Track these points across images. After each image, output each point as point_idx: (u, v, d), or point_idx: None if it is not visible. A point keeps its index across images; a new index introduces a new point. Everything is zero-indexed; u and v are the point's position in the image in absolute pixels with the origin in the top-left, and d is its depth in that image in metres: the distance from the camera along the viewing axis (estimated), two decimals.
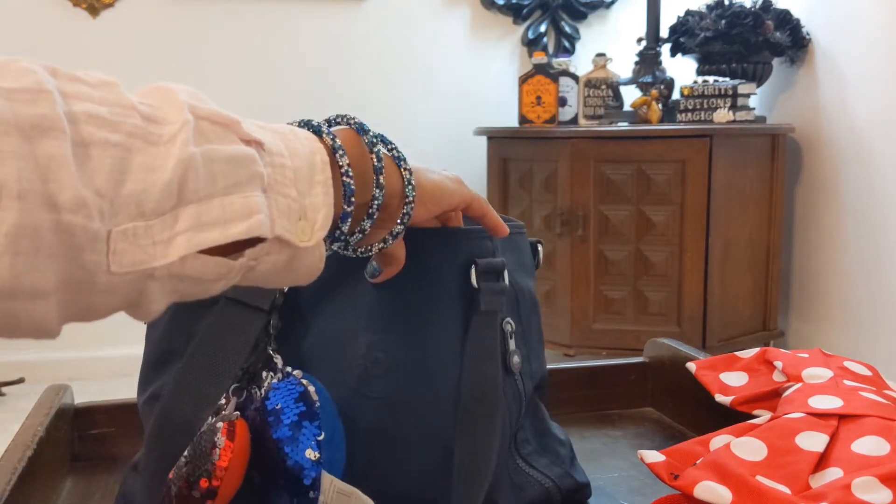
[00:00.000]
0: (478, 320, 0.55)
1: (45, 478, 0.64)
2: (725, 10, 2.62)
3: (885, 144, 2.38)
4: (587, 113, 2.71)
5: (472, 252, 0.56)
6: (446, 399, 0.54)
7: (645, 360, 0.88)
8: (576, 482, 0.61)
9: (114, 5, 2.68)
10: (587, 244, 2.45)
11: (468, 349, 0.55)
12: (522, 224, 0.62)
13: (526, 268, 0.61)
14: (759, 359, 0.71)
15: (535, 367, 0.60)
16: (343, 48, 2.88)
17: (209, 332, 0.51)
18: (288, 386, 0.51)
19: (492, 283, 0.56)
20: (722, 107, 2.47)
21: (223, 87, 2.77)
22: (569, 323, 2.48)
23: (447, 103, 3.00)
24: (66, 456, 0.72)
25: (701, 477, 0.51)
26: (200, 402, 0.49)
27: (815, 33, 2.66)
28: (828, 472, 0.51)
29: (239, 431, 0.50)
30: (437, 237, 0.55)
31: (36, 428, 0.65)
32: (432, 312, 0.55)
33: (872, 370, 0.66)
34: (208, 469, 0.49)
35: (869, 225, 2.45)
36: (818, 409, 0.57)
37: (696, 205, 2.38)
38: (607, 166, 2.43)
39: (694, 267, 2.40)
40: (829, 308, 2.63)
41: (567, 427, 0.67)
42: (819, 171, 2.66)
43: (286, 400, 0.50)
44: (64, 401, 0.73)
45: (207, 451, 0.49)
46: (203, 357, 0.50)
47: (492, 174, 2.70)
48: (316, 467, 0.49)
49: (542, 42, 3.05)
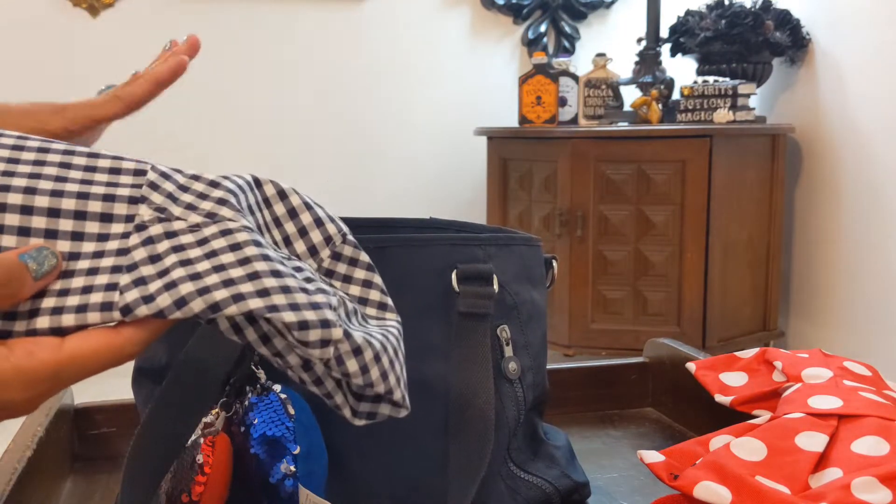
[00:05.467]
0: (462, 323, 0.56)
1: (45, 478, 0.64)
2: (725, 10, 2.62)
3: (885, 144, 2.38)
4: (587, 113, 2.71)
5: (456, 259, 0.56)
6: (436, 403, 0.54)
7: (645, 360, 0.88)
8: (574, 482, 0.61)
9: (114, 5, 2.68)
10: (586, 244, 2.45)
11: (454, 352, 0.55)
12: (537, 238, 0.62)
13: (532, 280, 0.61)
14: (758, 359, 0.71)
15: (537, 380, 0.60)
16: (343, 48, 2.88)
17: (195, 346, 0.51)
18: (266, 401, 0.51)
19: (474, 287, 0.56)
20: (722, 107, 2.47)
21: (223, 87, 2.77)
22: (567, 323, 2.48)
23: (447, 103, 3.00)
24: (66, 456, 0.72)
25: (700, 477, 0.51)
26: (185, 416, 0.50)
27: (815, 33, 2.66)
28: (827, 472, 0.51)
29: (219, 447, 0.50)
30: (420, 246, 0.56)
31: (36, 428, 0.65)
32: (416, 318, 0.55)
33: (872, 370, 0.66)
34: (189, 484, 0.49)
35: (869, 225, 2.44)
36: (818, 409, 0.57)
37: (696, 205, 2.38)
38: (607, 166, 2.43)
39: (694, 267, 2.40)
40: (829, 308, 2.63)
41: (567, 427, 0.67)
42: (819, 171, 2.66)
43: (263, 415, 0.51)
44: (64, 401, 0.73)
45: (189, 465, 0.50)
46: (189, 371, 0.50)
47: (492, 174, 2.70)
48: (291, 481, 0.49)
49: (542, 42, 3.05)
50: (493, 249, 0.58)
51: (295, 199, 0.42)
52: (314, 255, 0.42)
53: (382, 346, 0.39)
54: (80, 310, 0.35)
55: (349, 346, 0.37)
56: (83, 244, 0.37)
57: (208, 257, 0.36)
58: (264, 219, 0.41)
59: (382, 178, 2.96)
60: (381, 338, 0.40)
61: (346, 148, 2.90)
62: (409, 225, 0.69)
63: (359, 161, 2.92)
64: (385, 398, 0.41)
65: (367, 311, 0.42)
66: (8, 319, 0.35)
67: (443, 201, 3.00)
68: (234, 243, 0.36)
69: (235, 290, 0.35)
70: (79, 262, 0.37)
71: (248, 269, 0.35)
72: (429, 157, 2.99)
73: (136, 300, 0.35)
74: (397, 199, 2.97)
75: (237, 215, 0.38)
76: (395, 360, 0.40)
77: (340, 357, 0.37)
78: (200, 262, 0.36)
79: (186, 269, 0.35)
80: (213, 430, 0.51)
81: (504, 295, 0.58)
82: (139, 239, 0.37)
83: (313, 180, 2.88)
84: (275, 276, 0.36)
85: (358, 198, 2.93)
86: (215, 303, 0.34)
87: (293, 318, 0.35)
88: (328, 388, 0.41)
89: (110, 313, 0.35)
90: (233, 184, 0.40)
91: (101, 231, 0.37)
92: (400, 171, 2.97)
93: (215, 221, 0.37)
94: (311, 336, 0.36)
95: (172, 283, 0.35)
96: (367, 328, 0.40)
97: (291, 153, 2.86)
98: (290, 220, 0.42)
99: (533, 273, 0.62)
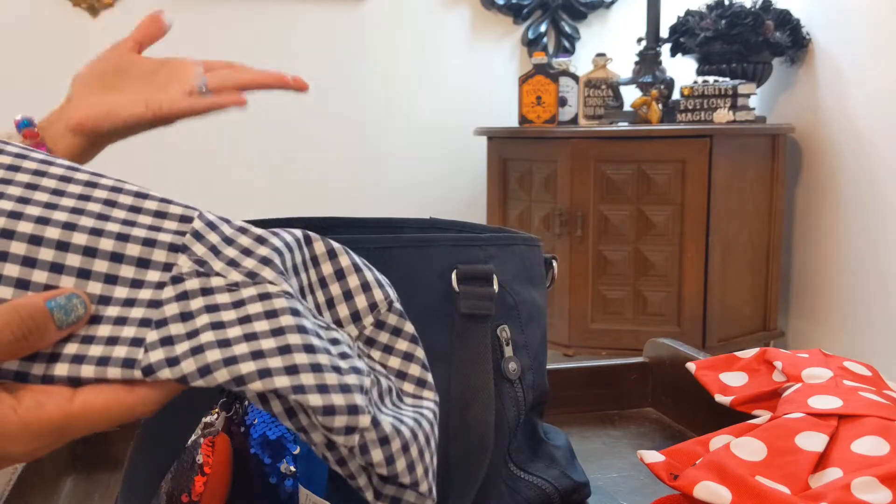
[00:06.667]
0: (462, 323, 0.56)
1: (45, 478, 0.64)
2: (725, 10, 2.62)
3: (885, 144, 2.38)
4: (587, 113, 2.71)
5: (456, 259, 0.56)
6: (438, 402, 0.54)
7: (645, 360, 0.88)
8: (574, 482, 0.61)
9: (114, 5, 2.68)
10: (586, 244, 2.45)
11: (455, 353, 0.55)
12: (537, 238, 0.62)
13: (532, 280, 0.61)
14: (758, 359, 0.71)
15: (537, 380, 0.60)
16: (343, 48, 2.88)
17: None
18: None
19: (475, 288, 0.56)
20: (722, 107, 2.47)
21: None
22: (567, 323, 2.48)
23: (447, 103, 3.00)
24: (66, 456, 0.72)
25: (700, 477, 0.51)
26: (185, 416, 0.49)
27: (815, 33, 2.66)
28: (827, 472, 0.51)
29: (219, 447, 0.50)
30: (422, 247, 0.56)
31: None
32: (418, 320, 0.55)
33: (872, 370, 0.66)
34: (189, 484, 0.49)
35: (869, 225, 2.45)
36: (818, 409, 0.57)
37: (696, 205, 2.38)
38: (607, 166, 2.43)
39: (694, 267, 2.40)
40: (829, 308, 2.64)
41: (567, 427, 0.67)
42: (819, 172, 2.66)
43: (263, 415, 0.51)
44: None
45: (189, 465, 0.50)
46: None
47: (492, 174, 2.70)
48: (291, 481, 0.49)
49: (542, 42, 3.05)
50: (493, 250, 0.58)
51: (344, 259, 0.40)
52: (357, 321, 0.40)
53: (413, 434, 0.38)
54: (102, 362, 0.34)
55: (376, 435, 0.36)
56: (115, 289, 0.35)
57: (241, 322, 0.35)
58: (309, 279, 0.39)
59: (382, 178, 2.96)
60: (413, 423, 0.38)
61: (345, 148, 2.90)
62: (409, 225, 0.69)
63: (359, 161, 2.92)
64: (411, 487, 0.39)
65: (405, 386, 0.41)
66: (26, 360, 0.34)
67: (443, 201, 3.00)
68: (271, 310, 0.35)
69: (263, 365, 0.33)
70: (108, 307, 0.35)
71: (281, 342, 0.34)
72: (429, 157, 2.99)
73: (159, 361, 0.33)
74: (397, 199, 2.97)
75: (279, 278, 0.36)
76: (424, 450, 0.38)
77: (365, 445, 0.35)
78: (233, 326, 0.34)
79: (216, 334, 0.34)
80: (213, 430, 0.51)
81: (504, 295, 0.58)
82: (174, 292, 0.35)
83: (313, 180, 2.88)
84: (307, 352, 0.34)
85: (358, 198, 2.93)
86: (241, 376, 0.33)
87: (319, 402, 0.34)
88: (352, 470, 0.39)
89: (131, 371, 0.34)
90: (280, 241, 0.38)
91: (135, 276, 0.36)
92: (400, 171, 2.97)
93: (255, 283, 0.36)
94: (337, 422, 0.34)
95: (200, 347, 0.34)
96: (399, 411, 0.39)
97: (291, 153, 2.86)
98: (336, 281, 0.40)
99: (533, 273, 0.62)
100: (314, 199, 2.87)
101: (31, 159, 0.38)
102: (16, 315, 0.33)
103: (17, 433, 0.32)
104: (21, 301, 0.33)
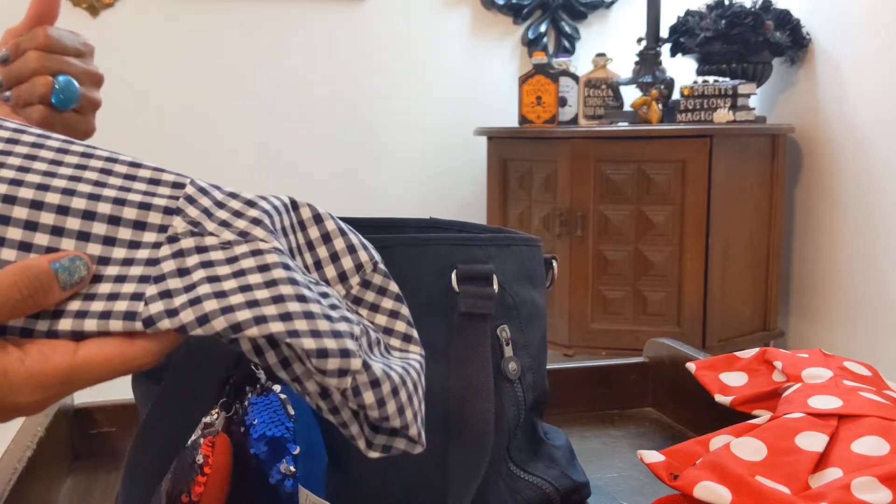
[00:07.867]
0: (462, 322, 0.56)
1: (45, 478, 0.64)
2: (725, 10, 2.62)
3: (885, 144, 2.38)
4: (587, 113, 2.71)
5: (456, 259, 0.56)
6: (436, 403, 0.54)
7: (645, 360, 0.88)
8: (574, 482, 0.61)
9: (114, 5, 2.68)
10: (586, 244, 2.45)
11: (453, 352, 0.55)
12: (537, 238, 0.62)
13: (533, 280, 0.61)
14: (758, 359, 0.71)
15: (536, 380, 0.60)
16: (343, 48, 2.88)
17: (195, 345, 0.51)
18: (266, 401, 0.51)
19: (475, 288, 0.56)
20: (722, 107, 2.47)
21: (223, 86, 2.77)
22: (567, 323, 2.48)
23: (447, 103, 3.00)
24: (67, 455, 0.72)
25: (700, 477, 0.51)
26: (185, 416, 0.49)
27: (815, 33, 2.66)
28: (827, 472, 0.51)
29: (219, 447, 0.51)
30: (422, 246, 0.56)
31: (36, 428, 0.65)
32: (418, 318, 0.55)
33: (872, 370, 0.66)
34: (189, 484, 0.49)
35: (868, 225, 2.45)
36: (818, 409, 0.57)
37: (696, 205, 2.38)
38: (607, 166, 2.43)
39: (694, 267, 2.40)
40: (829, 308, 2.64)
41: (567, 427, 0.67)
42: (819, 172, 2.66)
43: (263, 415, 0.51)
44: (64, 401, 0.73)
45: (189, 466, 0.50)
46: (188, 370, 0.50)
47: (492, 174, 2.70)
48: (291, 481, 0.49)
49: (542, 42, 3.05)
50: (493, 250, 0.58)
51: (330, 224, 0.42)
52: (344, 281, 0.42)
53: (402, 379, 0.39)
54: (104, 316, 0.36)
55: (367, 378, 0.37)
56: (114, 249, 0.37)
57: (236, 276, 0.36)
58: (297, 241, 0.41)
59: (382, 178, 2.96)
60: (402, 371, 0.39)
61: (345, 148, 2.90)
62: (410, 225, 0.69)
63: (359, 161, 2.92)
64: (401, 432, 0.41)
65: (392, 341, 0.42)
66: (31, 317, 0.36)
67: (443, 201, 3.00)
68: (263, 264, 0.37)
69: (258, 312, 0.35)
70: (108, 267, 0.37)
71: (274, 292, 0.36)
72: (429, 157, 2.99)
73: (159, 313, 0.35)
74: (397, 199, 2.97)
75: (269, 236, 0.38)
76: (413, 395, 0.40)
77: (357, 388, 0.37)
78: (227, 280, 0.36)
79: (213, 286, 0.36)
80: (213, 430, 0.51)
81: (504, 295, 0.58)
82: (170, 250, 0.37)
83: (313, 180, 2.88)
84: (299, 301, 0.36)
85: (358, 197, 2.93)
86: (237, 323, 0.34)
87: (313, 345, 0.35)
88: (344, 418, 0.40)
89: (133, 323, 0.35)
90: (269, 204, 0.40)
91: (133, 238, 0.37)
92: (400, 171, 2.97)
93: (247, 241, 0.38)
94: (330, 365, 0.36)
95: (197, 298, 0.35)
96: (388, 360, 0.40)
97: (290, 153, 2.86)
98: (322, 244, 0.42)
99: (533, 273, 0.62)
100: (314, 199, 2.87)
101: (29, 133, 0.40)
102: (22, 275, 0.35)
103: (24, 384, 0.34)
104: (27, 262, 0.35)
